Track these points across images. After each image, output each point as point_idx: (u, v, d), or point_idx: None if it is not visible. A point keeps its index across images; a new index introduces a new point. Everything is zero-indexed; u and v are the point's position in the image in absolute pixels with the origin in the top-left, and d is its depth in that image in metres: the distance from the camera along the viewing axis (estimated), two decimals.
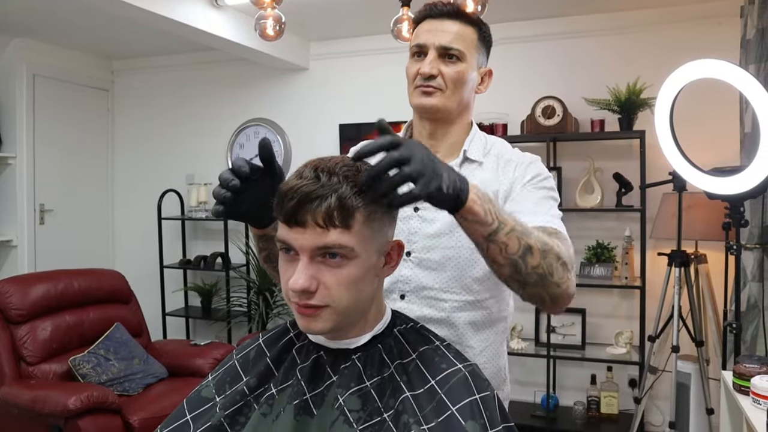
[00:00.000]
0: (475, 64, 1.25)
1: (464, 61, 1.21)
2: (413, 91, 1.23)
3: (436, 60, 1.20)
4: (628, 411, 3.34)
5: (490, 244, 0.94)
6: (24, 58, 4.02)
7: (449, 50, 1.20)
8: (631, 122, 3.23)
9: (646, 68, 3.17)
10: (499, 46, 3.72)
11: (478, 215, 0.90)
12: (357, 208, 0.85)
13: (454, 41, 1.20)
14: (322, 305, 0.86)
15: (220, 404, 0.96)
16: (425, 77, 1.20)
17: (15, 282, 2.98)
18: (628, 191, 3.30)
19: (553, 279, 0.99)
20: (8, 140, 4.03)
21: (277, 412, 0.91)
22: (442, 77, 1.20)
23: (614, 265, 3.37)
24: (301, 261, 0.86)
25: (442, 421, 0.85)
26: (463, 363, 0.92)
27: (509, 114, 3.53)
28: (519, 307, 3.72)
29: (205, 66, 4.39)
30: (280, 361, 0.98)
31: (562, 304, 1.04)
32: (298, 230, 0.85)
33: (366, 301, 0.91)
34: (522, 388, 3.67)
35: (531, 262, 0.96)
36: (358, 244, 0.86)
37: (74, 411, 2.48)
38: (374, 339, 0.95)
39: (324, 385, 0.92)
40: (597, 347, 3.43)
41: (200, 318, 4.29)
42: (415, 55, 1.23)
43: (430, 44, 1.20)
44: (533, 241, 0.96)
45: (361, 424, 0.86)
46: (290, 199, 0.84)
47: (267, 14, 2.31)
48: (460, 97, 1.23)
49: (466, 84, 1.23)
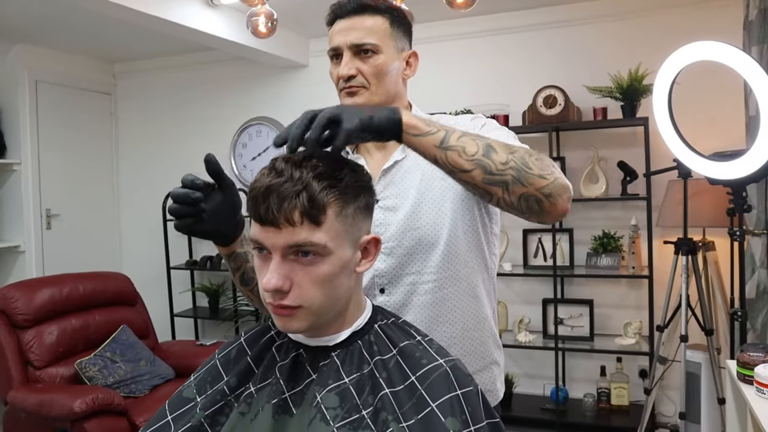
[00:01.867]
0: (395, 52, 1.23)
1: (380, 52, 1.20)
2: (339, 94, 1.23)
3: (352, 59, 1.19)
4: (639, 402, 3.29)
5: (447, 152, 0.94)
6: (26, 65, 4.04)
7: (362, 46, 1.19)
8: (635, 109, 3.18)
9: (648, 54, 3.12)
10: (497, 36, 3.73)
11: (420, 127, 0.93)
12: (328, 203, 0.83)
13: (364, 36, 1.19)
14: (295, 305, 0.84)
15: (201, 404, 0.95)
16: (345, 79, 1.20)
17: (20, 287, 2.99)
18: (633, 179, 3.25)
19: (533, 171, 0.95)
20: (12, 146, 4.05)
21: (256, 412, 0.90)
22: (362, 74, 1.20)
23: (621, 255, 3.33)
24: (274, 260, 0.84)
25: (421, 418, 0.83)
26: (445, 358, 0.90)
27: (510, 105, 3.49)
28: (526, 300, 3.71)
29: (205, 66, 4.39)
30: (260, 360, 0.97)
31: (562, 201, 0.98)
32: (269, 229, 0.83)
33: (343, 298, 0.90)
34: (531, 381, 3.64)
35: (498, 159, 0.95)
36: (331, 241, 0.84)
37: (80, 414, 2.50)
38: (354, 335, 0.93)
39: (303, 383, 0.91)
40: (606, 338, 3.39)
41: (208, 318, 4.30)
42: (333, 58, 1.23)
43: (342, 45, 1.20)
44: (491, 141, 0.97)
45: (338, 422, 0.84)
46: (260, 197, 0.83)
47: (258, 11, 2.31)
48: (386, 89, 1.22)
49: (388, 75, 1.22)
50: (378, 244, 0.93)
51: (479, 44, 3.70)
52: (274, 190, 0.82)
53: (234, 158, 4.32)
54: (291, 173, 0.83)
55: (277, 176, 0.83)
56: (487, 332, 1.27)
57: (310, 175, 0.83)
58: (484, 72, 3.69)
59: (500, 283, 3.66)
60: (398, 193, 1.22)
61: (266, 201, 0.82)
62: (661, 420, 3.38)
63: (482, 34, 3.67)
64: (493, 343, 1.30)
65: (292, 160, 0.85)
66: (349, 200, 0.86)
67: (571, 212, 3.48)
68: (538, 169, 0.96)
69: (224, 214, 0.97)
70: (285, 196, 0.82)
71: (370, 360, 0.90)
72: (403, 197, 1.22)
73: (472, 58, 3.73)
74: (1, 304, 2.89)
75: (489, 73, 3.68)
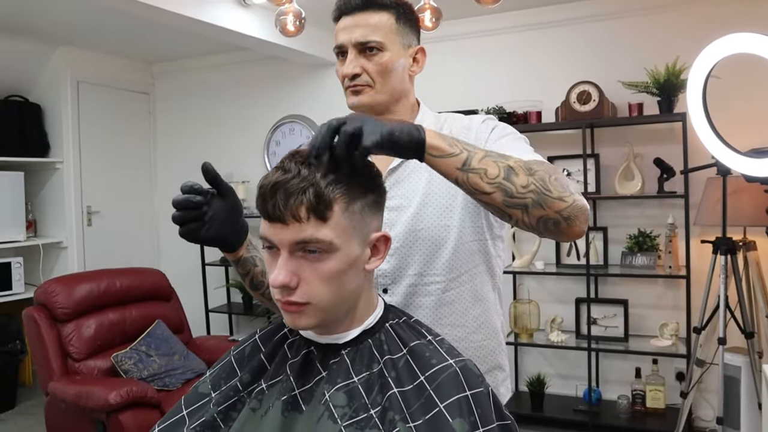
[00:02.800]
0: (401, 49, 1.20)
1: (386, 50, 1.17)
2: (345, 92, 1.21)
3: (357, 57, 1.17)
4: (676, 405, 3.20)
5: (468, 174, 0.92)
6: (68, 66, 4.17)
7: (367, 44, 1.16)
8: (672, 104, 3.09)
9: (685, 48, 3.02)
10: (531, 32, 3.69)
11: (443, 149, 0.90)
12: (334, 199, 0.83)
13: (369, 34, 1.16)
14: (303, 302, 0.85)
15: (215, 400, 0.96)
16: (350, 77, 1.17)
17: (60, 282, 3.09)
18: (670, 177, 3.17)
19: (553, 194, 0.94)
20: (55, 146, 4.20)
21: (266, 408, 0.91)
22: (367, 73, 1.17)
23: (657, 254, 3.24)
24: (282, 256, 0.85)
25: (429, 419, 0.82)
26: (455, 358, 0.89)
27: (543, 101, 3.44)
28: (559, 299, 3.66)
29: (239, 66, 4.45)
30: (273, 357, 0.98)
31: (580, 223, 0.97)
32: (277, 226, 0.84)
33: (352, 296, 0.90)
34: (563, 382, 3.59)
35: (519, 182, 0.93)
36: (337, 237, 0.84)
37: (115, 406, 2.56)
38: (364, 334, 0.93)
39: (313, 380, 0.91)
40: (641, 339, 3.32)
41: (242, 314, 4.37)
42: (339, 56, 1.21)
43: (347, 42, 1.17)
44: (513, 163, 0.94)
45: (345, 421, 0.84)
46: (267, 194, 0.83)
47: (287, 10, 2.33)
48: (391, 87, 1.20)
49: (394, 72, 1.19)
50: (388, 241, 0.92)
51: (512, 40, 3.66)
52: (281, 187, 0.83)
53: (268, 156, 4.38)
54: (298, 170, 0.84)
55: (284, 173, 0.84)
56: (491, 336, 1.25)
57: (317, 173, 0.83)
58: (517, 68, 3.64)
59: (532, 281, 3.64)
60: (404, 193, 1.21)
61: (273, 197, 0.83)
62: (699, 424, 3.28)
63: (515, 30, 3.62)
64: (497, 346, 1.27)
65: (299, 157, 0.85)
66: (357, 197, 0.86)
67: (606, 210, 3.44)
68: (558, 192, 0.94)
69: (227, 220, 0.98)
70: (291, 193, 0.82)
71: (380, 359, 0.90)
72: (409, 197, 1.20)
73: (505, 53, 3.68)
74: (43, 298, 2.99)
75: (522, 69, 3.63)
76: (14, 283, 3.89)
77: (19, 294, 3.89)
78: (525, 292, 3.60)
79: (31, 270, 4.09)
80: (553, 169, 0.98)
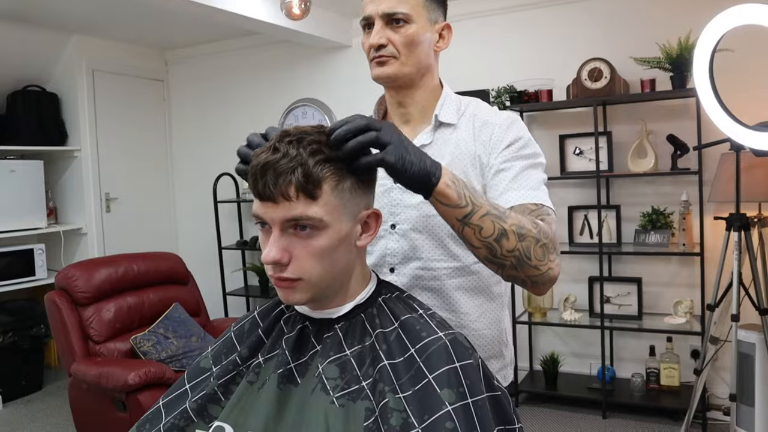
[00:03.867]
0: (427, 23, 1.19)
1: (412, 22, 1.17)
2: (370, 64, 1.21)
3: (384, 28, 1.17)
4: (691, 383, 3.19)
5: (464, 226, 0.95)
6: (83, 55, 4.23)
7: (393, 15, 1.16)
8: (684, 80, 3.04)
9: (698, 21, 2.93)
10: (540, 9, 3.64)
11: (451, 198, 0.93)
12: (323, 178, 0.85)
13: (397, 5, 1.16)
14: (295, 278, 0.87)
15: (215, 374, 0.99)
16: (375, 48, 1.17)
17: (80, 267, 3.16)
18: (683, 153, 3.13)
19: (531, 262, 0.99)
20: (73, 134, 4.27)
21: (263, 381, 0.93)
22: (393, 44, 1.16)
23: (671, 232, 3.22)
24: (273, 234, 0.87)
25: (417, 390, 0.84)
26: (445, 331, 0.90)
27: (554, 79, 3.41)
28: (572, 278, 3.65)
29: (251, 50, 4.47)
30: (270, 332, 1.00)
31: (544, 288, 1.05)
32: (268, 204, 0.86)
33: (343, 271, 0.92)
34: (577, 360, 3.59)
35: (506, 246, 0.97)
36: (327, 214, 0.86)
37: (134, 386, 2.64)
38: (357, 308, 0.95)
39: (308, 354, 0.94)
40: (655, 317, 3.30)
41: (259, 296, 4.43)
42: (365, 28, 1.20)
43: (374, 14, 1.17)
44: (508, 226, 0.97)
45: (338, 392, 0.87)
46: (258, 174, 0.85)
47: None
48: (417, 59, 1.19)
49: (420, 45, 1.18)
50: (378, 218, 0.94)
51: (522, 18, 3.62)
52: (271, 167, 0.84)
53: None
54: (287, 150, 0.85)
55: (274, 153, 0.85)
56: (492, 326, 1.24)
57: (306, 152, 0.85)
58: (527, 46, 3.61)
59: None
60: None
61: (264, 177, 0.85)
62: (715, 402, 3.27)
63: (525, 8, 3.58)
64: (498, 336, 1.25)
65: (288, 137, 0.87)
66: (346, 175, 0.88)
67: (619, 188, 3.43)
68: (537, 260, 1.00)
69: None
70: (281, 172, 0.84)
71: (372, 333, 0.92)
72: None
73: (515, 32, 3.65)
74: (64, 283, 3.06)
75: (532, 48, 3.59)
76: (37, 269, 3.99)
77: (42, 279, 4.00)
78: None
79: (52, 256, 4.19)
80: (545, 231, 1.02)
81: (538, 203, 1.10)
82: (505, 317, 1.29)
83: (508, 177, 1.14)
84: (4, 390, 3.75)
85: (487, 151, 1.18)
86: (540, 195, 1.12)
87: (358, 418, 0.84)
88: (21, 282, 3.92)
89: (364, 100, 4.34)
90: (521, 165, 1.15)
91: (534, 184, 1.13)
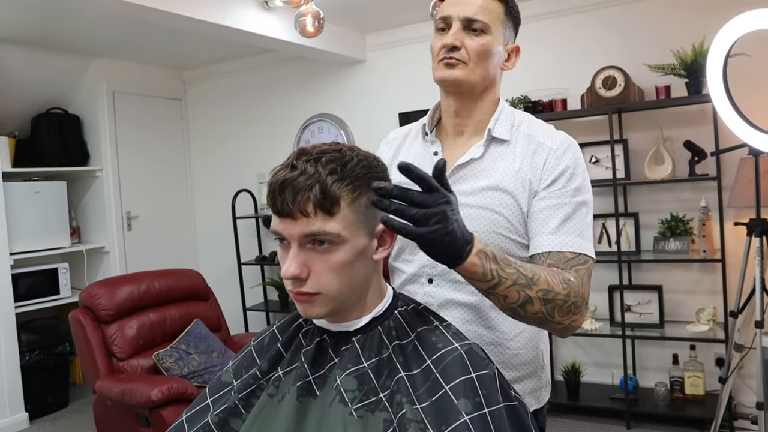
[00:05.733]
0: (501, 39, 1.21)
1: (489, 33, 1.18)
2: (437, 65, 1.20)
3: (460, 32, 1.17)
4: (716, 392, 3.14)
5: (489, 295, 0.99)
6: (104, 77, 4.32)
7: (473, 22, 1.17)
8: (700, 86, 3.03)
9: (712, 27, 2.93)
10: (552, 19, 3.65)
11: (477, 274, 0.96)
12: (341, 195, 0.87)
13: (478, 13, 1.17)
14: (314, 292, 0.89)
15: (236, 388, 1.01)
16: (448, 48, 1.17)
17: (103, 285, 3.21)
18: (701, 159, 3.11)
19: (554, 319, 1.02)
20: (95, 154, 4.36)
21: (283, 394, 0.95)
22: (466, 50, 1.17)
23: (691, 238, 3.19)
24: (292, 249, 0.89)
25: (435, 400, 0.85)
26: (461, 342, 0.91)
27: (568, 88, 3.41)
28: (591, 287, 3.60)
29: (266, 68, 4.54)
30: (289, 345, 1.02)
31: (564, 334, 1.09)
32: (287, 221, 0.88)
33: (360, 285, 0.93)
34: (599, 370, 3.56)
35: (530, 310, 1.00)
36: (344, 230, 0.87)
37: (157, 402, 2.66)
38: (374, 321, 0.96)
39: (326, 367, 0.95)
40: (677, 325, 3.27)
41: (279, 311, 4.46)
42: (440, 30, 1.20)
43: (454, 16, 1.17)
44: (535, 293, 0.99)
45: (356, 404, 0.88)
46: (276, 191, 0.87)
47: (305, 11, 2.38)
48: (485, 70, 1.19)
49: (491, 57, 1.19)
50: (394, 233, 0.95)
51: (534, 28, 3.63)
52: (289, 184, 0.86)
53: None
54: (305, 167, 0.87)
55: (291, 170, 0.88)
56: (529, 347, 1.23)
57: (324, 170, 0.87)
58: (540, 56, 3.62)
59: None
60: (464, 192, 1.19)
61: (282, 194, 0.87)
62: (742, 411, 3.22)
63: (537, 18, 3.60)
64: (535, 358, 1.24)
65: (306, 155, 0.89)
66: (362, 191, 0.89)
67: (636, 195, 3.41)
68: (560, 317, 1.02)
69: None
70: (299, 190, 0.86)
71: (389, 345, 0.93)
72: (464, 194, 1.18)
73: (528, 42, 3.60)
74: (87, 301, 3.12)
75: (545, 57, 3.60)
76: (61, 287, 4.07)
77: (66, 298, 4.07)
78: None
79: (76, 275, 4.26)
80: (575, 290, 1.03)
81: (578, 252, 1.10)
82: (543, 339, 1.27)
83: (555, 219, 1.12)
84: (31, 408, 3.80)
85: (537, 177, 1.16)
86: (583, 244, 1.12)
87: (377, 429, 0.86)
88: (46, 301, 4.00)
89: (379, 113, 4.41)
90: (570, 206, 1.13)
91: (580, 230, 1.12)
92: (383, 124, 4.11)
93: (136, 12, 2.84)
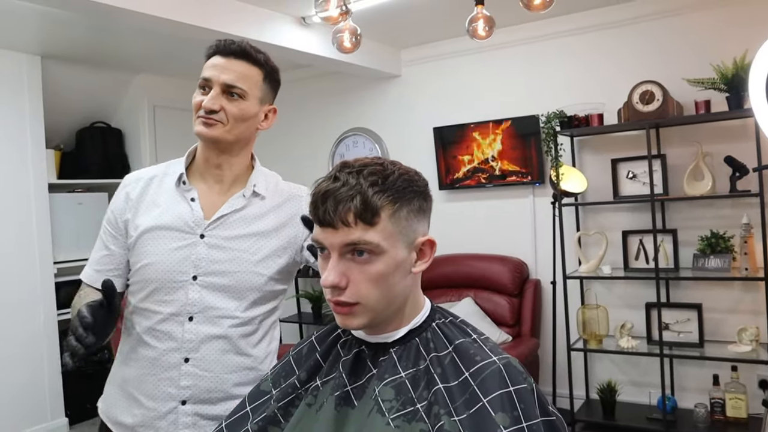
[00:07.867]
0: (257, 103, 1.33)
1: (246, 99, 1.30)
2: (196, 119, 1.30)
3: (220, 96, 1.28)
4: (759, 415, 3.05)
5: None
6: (145, 92, 4.45)
7: (232, 88, 1.28)
8: (741, 100, 2.97)
9: (753, 40, 2.89)
10: (588, 34, 3.65)
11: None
12: (381, 206, 0.89)
13: (238, 80, 1.28)
14: (353, 302, 0.90)
15: (275, 397, 1.03)
16: (207, 111, 1.27)
17: None
18: (743, 175, 3.04)
19: None
20: (135, 167, 4.47)
21: (321, 403, 0.97)
22: (225, 112, 1.28)
23: (732, 256, 3.11)
24: (332, 258, 0.91)
25: (472, 413, 0.86)
26: (499, 356, 0.92)
27: (605, 103, 3.38)
28: (627, 304, 3.58)
29: (302, 83, 4.61)
30: (327, 356, 1.04)
31: None
32: (328, 230, 0.90)
33: (399, 296, 0.94)
34: (636, 389, 3.49)
35: None
36: (384, 240, 0.89)
37: None
38: (411, 332, 0.97)
39: (365, 377, 0.96)
40: (718, 345, 3.19)
41: (312, 323, 4.48)
42: (201, 88, 1.30)
43: (215, 80, 1.28)
44: None
45: (393, 414, 0.89)
46: (318, 201, 0.90)
47: (342, 27, 2.41)
48: (240, 131, 1.31)
49: (247, 121, 1.32)
50: (433, 246, 0.96)
51: (570, 43, 3.63)
52: (331, 195, 0.89)
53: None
54: (347, 179, 0.90)
55: (334, 182, 0.90)
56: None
57: (365, 182, 0.89)
58: (576, 71, 3.61)
59: (600, 286, 3.57)
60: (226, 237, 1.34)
61: (324, 204, 0.89)
62: None
63: (573, 33, 3.59)
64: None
65: (348, 168, 0.92)
66: (402, 203, 0.91)
67: (675, 212, 3.35)
68: None
69: (104, 331, 1.17)
70: (340, 200, 0.88)
71: (426, 356, 0.94)
72: (230, 239, 1.34)
73: (564, 57, 3.65)
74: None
75: (581, 72, 3.59)
76: None
77: None
78: (593, 297, 3.54)
79: None
80: None
81: None
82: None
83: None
84: (71, 413, 3.90)
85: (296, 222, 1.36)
86: None
87: None
88: None
89: (413, 127, 4.42)
90: None
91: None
92: (417, 138, 4.14)
93: (177, 29, 2.93)
